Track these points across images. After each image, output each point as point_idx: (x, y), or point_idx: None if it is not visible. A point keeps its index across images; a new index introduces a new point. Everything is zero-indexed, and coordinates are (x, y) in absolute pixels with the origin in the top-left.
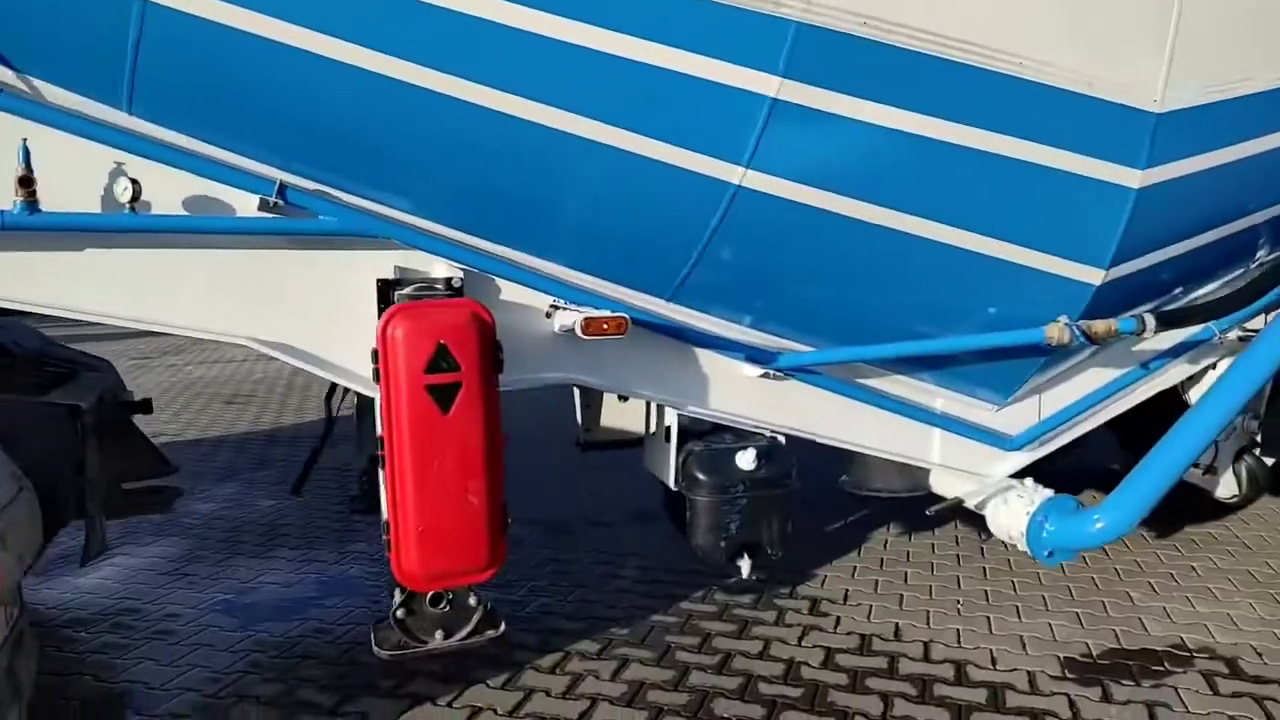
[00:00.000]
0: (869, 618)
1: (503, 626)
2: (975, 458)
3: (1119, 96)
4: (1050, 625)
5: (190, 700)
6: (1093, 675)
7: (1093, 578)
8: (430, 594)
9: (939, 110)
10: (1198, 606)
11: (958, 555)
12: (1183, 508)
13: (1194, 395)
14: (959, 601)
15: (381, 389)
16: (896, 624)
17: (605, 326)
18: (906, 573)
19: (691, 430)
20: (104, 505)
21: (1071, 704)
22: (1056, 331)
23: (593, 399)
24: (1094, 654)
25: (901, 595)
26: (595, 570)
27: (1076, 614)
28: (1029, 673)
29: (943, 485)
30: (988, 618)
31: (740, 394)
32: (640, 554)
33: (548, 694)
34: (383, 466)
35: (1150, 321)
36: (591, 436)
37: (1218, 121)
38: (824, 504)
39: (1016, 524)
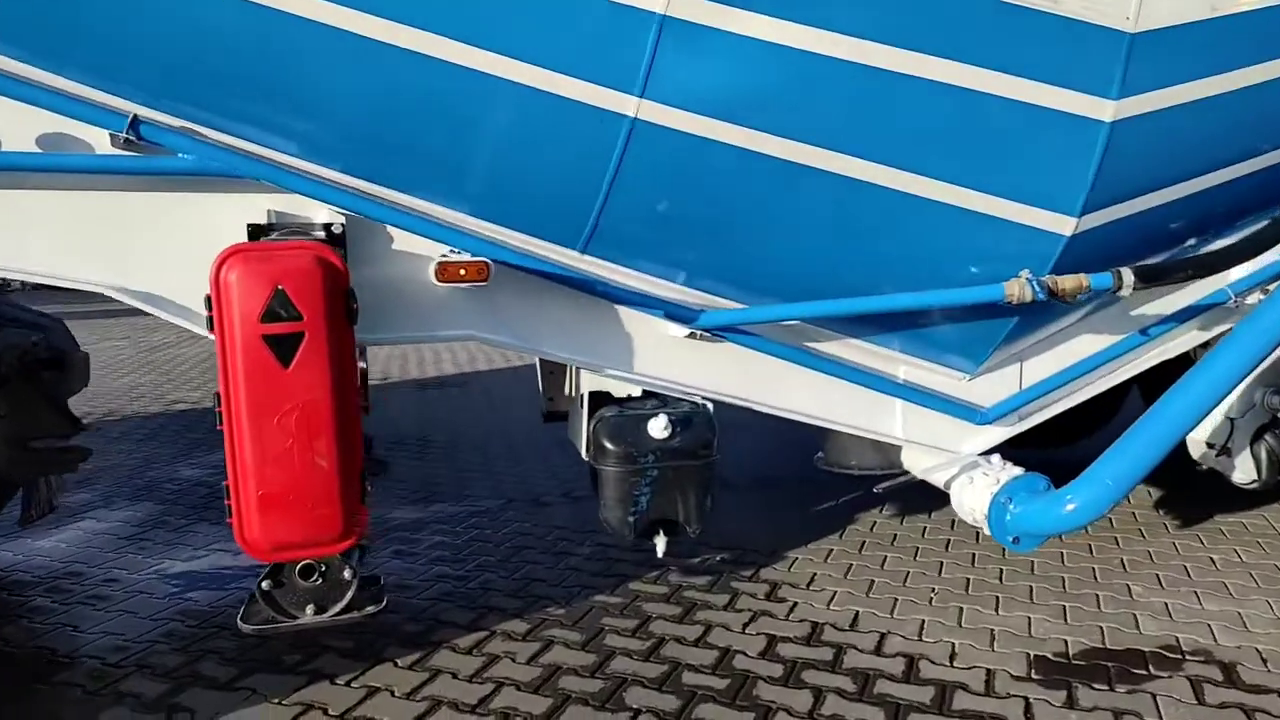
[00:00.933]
0: (829, 604)
1: (385, 601)
2: (942, 432)
3: (1087, 14)
4: (1029, 619)
5: (89, 668)
6: (1061, 677)
7: (1094, 569)
8: (300, 566)
9: (868, 31)
10: (1206, 604)
11: (948, 540)
12: (1210, 492)
13: None
14: (934, 590)
15: (216, 339)
16: (857, 612)
17: (463, 273)
18: (886, 557)
19: (610, 395)
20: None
21: (1028, 708)
22: (1017, 288)
23: (555, 366)
24: (1070, 653)
25: (872, 581)
26: (554, 546)
27: (1063, 608)
28: (988, 671)
29: (914, 462)
30: (961, 609)
31: (665, 356)
32: (602, 531)
33: (454, 676)
34: (220, 424)
35: (1129, 277)
36: (554, 406)
37: (1201, 44)
38: (816, 483)
39: (980, 505)
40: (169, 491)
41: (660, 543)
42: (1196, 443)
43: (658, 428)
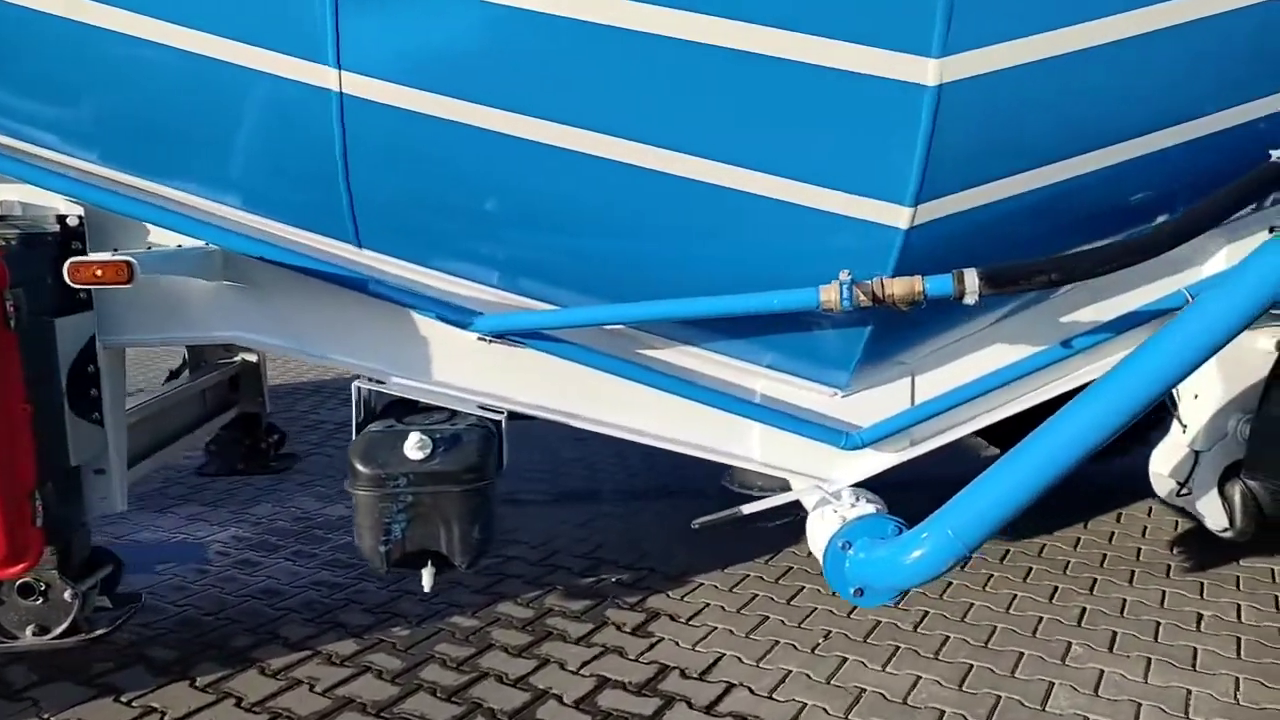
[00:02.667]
0: (696, 644)
1: (112, 627)
2: (808, 456)
3: None
4: (917, 680)
5: None
6: None
7: (1041, 618)
8: (19, 584)
9: None
10: (1153, 677)
11: None
12: (1203, 533)
13: (1187, 384)
14: (827, 635)
15: None
16: (720, 656)
17: (99, 273)
18: (801, 589)
19: (393, 407)
20: None
21: None
22: (833, 293)
23: None
24: None
25: (764, 618)
26: None
27: (968, 668)
28: None
29: (800, 485)
30: (842, 660)
31: (458, 364)
32: (525, 542)
33: (239, 703)
34: None
35: (972, 281)
36: None
37: None
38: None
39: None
40: None
41: (427, 576)
42: (1160, 477)
43: (412, 447)
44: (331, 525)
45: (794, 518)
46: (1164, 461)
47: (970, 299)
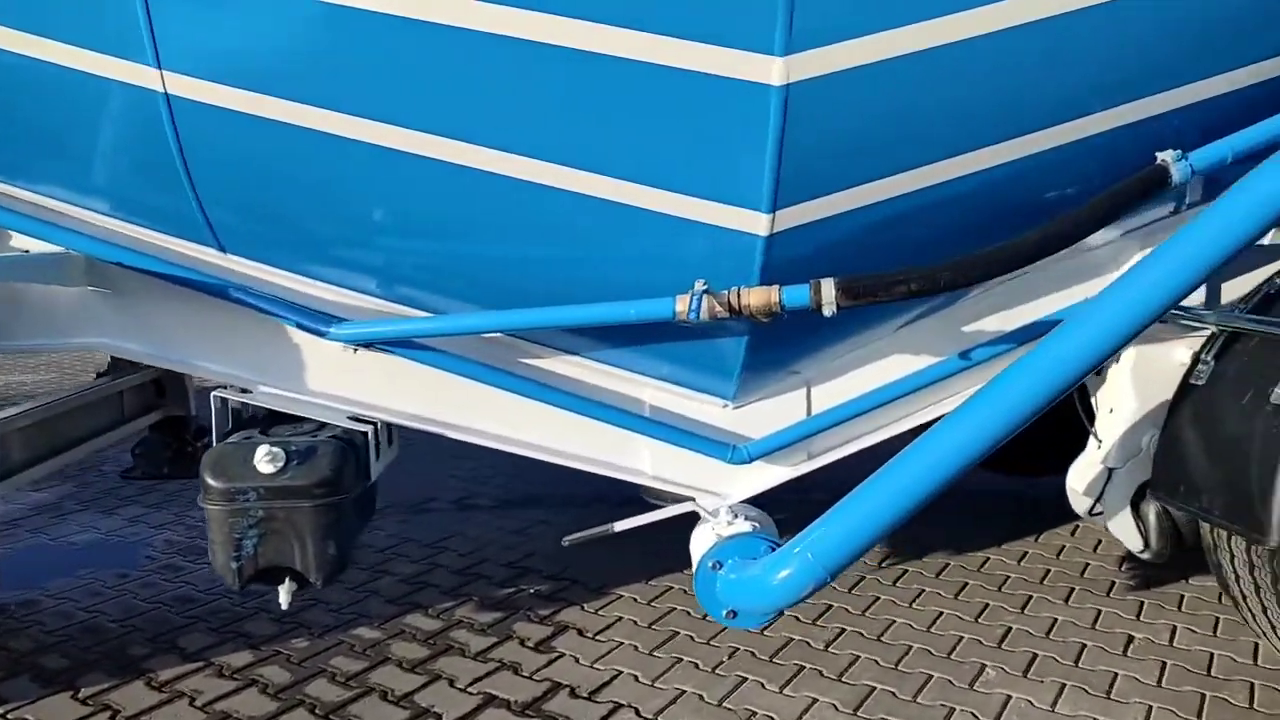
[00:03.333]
0: (596, 661)
1: None
2: (700, 470)
3: None
4: (813, 703)
5: None
6: None
7: (961, 638)
8: None
9: None
10: (1061, 705)
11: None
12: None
13: (1103, 397)
14: (735, 651)
15: None
16: (617, 674)
17: None
18: None
19: (264, 417)
20: None
21: None
22: (686, 304)
23: None
24: None
25: (674, 634)
26: (377, 562)
27: (868, 691)
28: None
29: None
30: (740, 681)
31: (329, 373)
32: (454, 550)
33: (113, 716)
34: None
35: (829, 291)
36: None
37: None
38: None
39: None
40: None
41: (284, 593)
42: (1076, 494)
43: (261, 460)
44: None
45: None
46: (1079, 478)
47: (828, 310)
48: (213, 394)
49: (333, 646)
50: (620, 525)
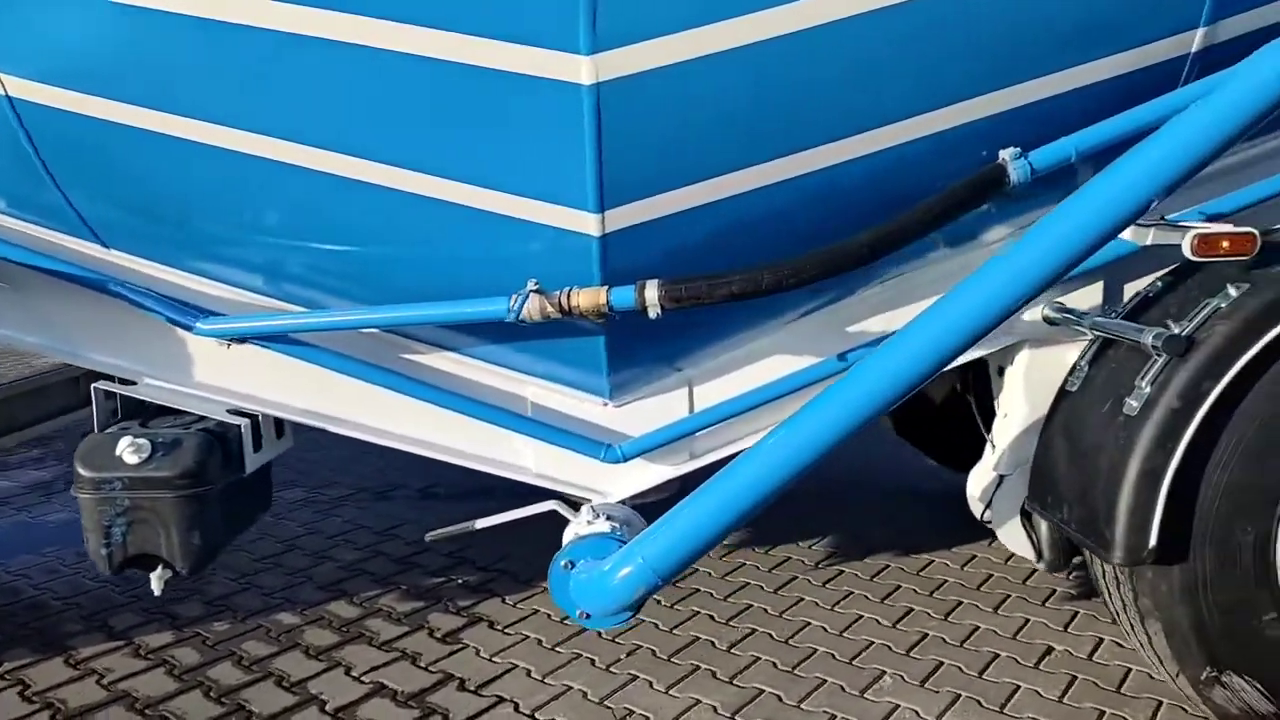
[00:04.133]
0: (496, 654)
1: None
2: (579, 469)
3: None
4: (694, 704)
5: None
6: None
7: (872, 643)
8: None
9: None
10: (948, 718)
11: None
12: None
13: (1001, 400)
14: (635, 650)
15: None
16: (513, 667)
17: None
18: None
19: (147, 408)
20: None
21: None
22: (519, 302)
23: None
24: None
25: (580, 630)
26: (322, 548)
27: (756, 693)
28: None
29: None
30: (633, 678)
31: (212, 366)
32: (401, 538)
33: (23, 689)
34: None
35: (652, 293)
36: None
37: None
38: None
39: None
40: None
41: (155, 580)
42: (974, 500)
43: (125, 450)
44: None
45: None
46: (976, 484)
47: (652, 312)
48: (93, 386)
49: (250, 630)
50: (481, 523)
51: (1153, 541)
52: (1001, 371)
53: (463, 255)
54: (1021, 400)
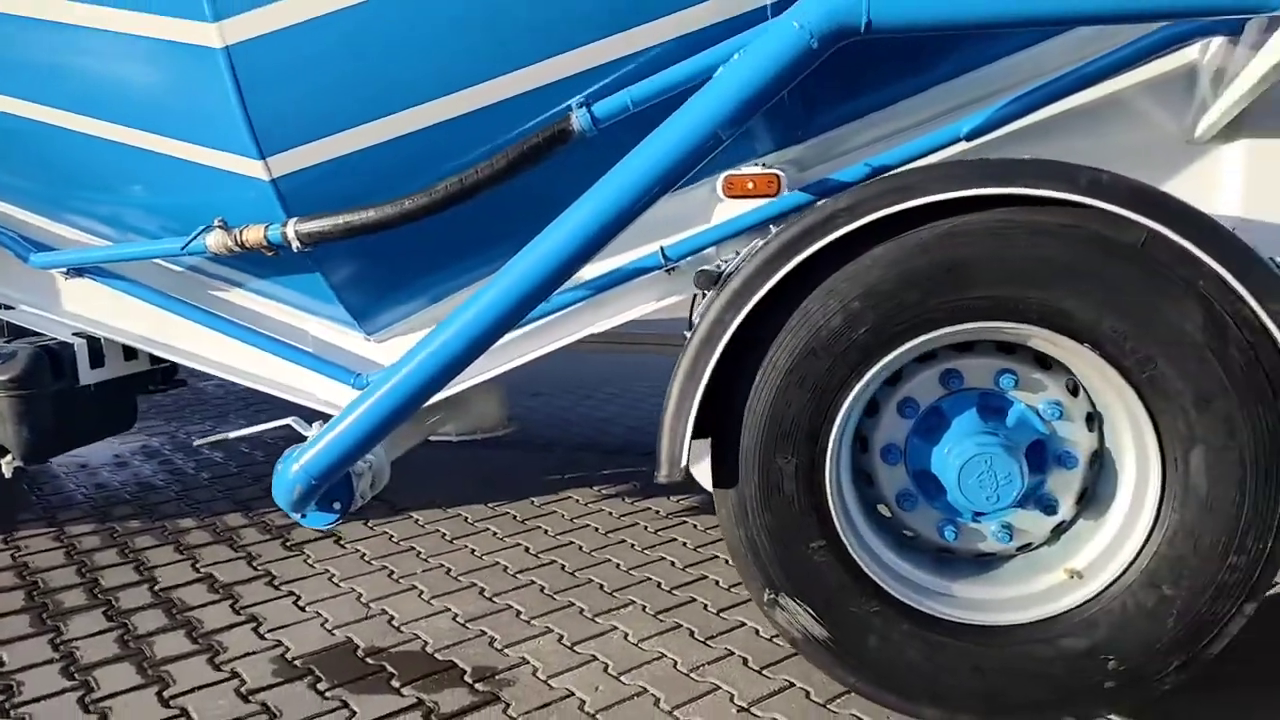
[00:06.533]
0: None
1: None
2: (349, 397)
3: None
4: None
5: None
6: None
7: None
8: None
9: None
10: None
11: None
12: None
13: None
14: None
15: None
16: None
17: None
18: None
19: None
20: None
21: None
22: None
23: None
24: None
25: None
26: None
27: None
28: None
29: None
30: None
31: (61, 294)
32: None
33: None
34: None
35: (290, 230)
36: None
37: None
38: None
39: None
40: None
41: (5, 465)
42: None
43: None
44: None
45: None
46: None
47: (295, 246)
48: None
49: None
50: (233, 434)
51: (683, 461)
52: None
53: (188, 201)
54: None
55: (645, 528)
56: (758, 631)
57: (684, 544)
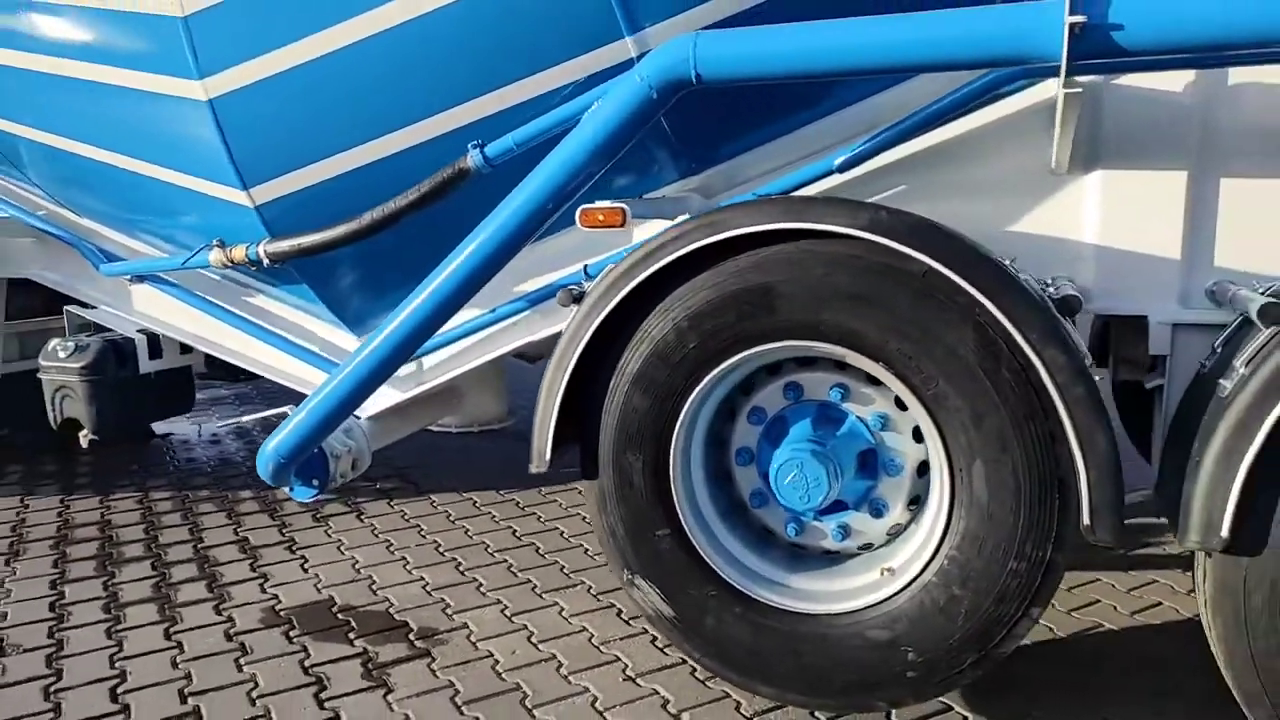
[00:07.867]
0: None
1: None
2: None
3: (137, 6)
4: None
5: None
6: None
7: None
8: None
9: None
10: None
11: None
12: None
13: None
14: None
15: None
16: (222, 576)
17: None
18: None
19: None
20: None
21: None
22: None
23: None
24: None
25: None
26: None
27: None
28: None
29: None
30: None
31: (137, 299)
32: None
33: None
34: None
35: (261, 251)
36: None
37: (264, 14)
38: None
39: None
40: None
41: (83, 438)
42: None
43: (57, 349)
44: None
45: None
46: None
47: (266, 263)
48: (66, 309)
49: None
50: (247, 418)
51: (548, 454)
52: None
53: (201, 223)
54: None
55: None
56: None
57: None
